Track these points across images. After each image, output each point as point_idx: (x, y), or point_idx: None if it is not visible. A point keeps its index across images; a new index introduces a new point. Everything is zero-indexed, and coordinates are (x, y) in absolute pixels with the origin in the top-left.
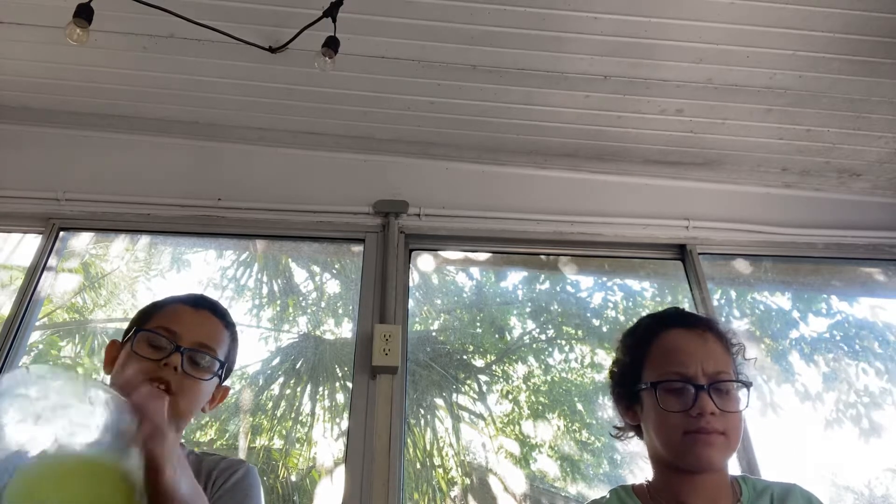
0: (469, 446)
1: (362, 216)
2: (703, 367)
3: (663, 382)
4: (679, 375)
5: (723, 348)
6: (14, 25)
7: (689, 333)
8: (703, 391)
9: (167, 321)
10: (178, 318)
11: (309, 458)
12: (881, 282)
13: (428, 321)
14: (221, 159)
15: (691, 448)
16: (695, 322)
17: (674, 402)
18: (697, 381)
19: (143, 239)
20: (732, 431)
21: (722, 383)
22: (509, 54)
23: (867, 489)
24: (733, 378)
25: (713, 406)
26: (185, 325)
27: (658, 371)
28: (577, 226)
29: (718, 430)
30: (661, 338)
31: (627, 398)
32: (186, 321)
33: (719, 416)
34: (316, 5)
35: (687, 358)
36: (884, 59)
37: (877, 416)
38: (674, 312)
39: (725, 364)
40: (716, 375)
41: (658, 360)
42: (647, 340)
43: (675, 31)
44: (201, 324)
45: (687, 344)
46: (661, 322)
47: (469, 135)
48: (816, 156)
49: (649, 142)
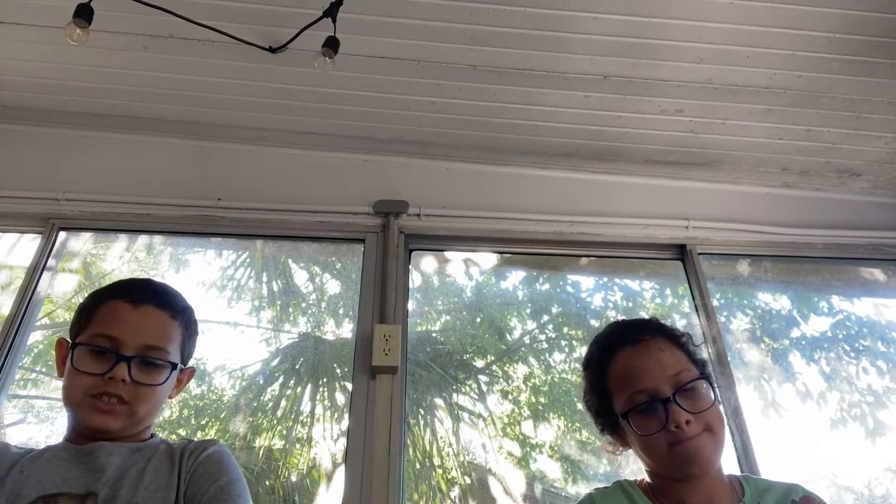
0: (469, 447)
1: (362, 216)
2: (659, 377)
3: (632, 409)
4: (643, 395)
5: (671, 348)
6: (14, 25)
7: (634, 350)
8: (670, 403)
9: (105, 326)
10: (118, 320)
11: (309, 458)
12: (881, 282)
13: (429, 322)
14: (221, 159)
15: (682, 459)
16: (637, 335)
17: (648, 423)
18: (661, 395)
19: (142, 239)
20: (716, 425)
21: (686, 385)
22: (509, 54)
23: (867, 489)
24: (693, 376)
25: (686, 414)
26: (127, 329)
27: (623, 397)
28: (577, 226)
29: (699, 431)
30: (612, 364)
31: (610, 428)
32: (127, 323)
33: (696, 419)
34: (316, 5)
35: (641, 376)
36: (884, 59)
37: (881, 415)
38: (614, 332)
39: (679, 363)
40: (675, 379)
41: (617, 387)
42: (601, 372)
43: (675, 31)
44: (145, 323)
45: (636, 362)
46: (608, 347)
47: (469, 135)
48: (816, 156)
49: (649, 142)
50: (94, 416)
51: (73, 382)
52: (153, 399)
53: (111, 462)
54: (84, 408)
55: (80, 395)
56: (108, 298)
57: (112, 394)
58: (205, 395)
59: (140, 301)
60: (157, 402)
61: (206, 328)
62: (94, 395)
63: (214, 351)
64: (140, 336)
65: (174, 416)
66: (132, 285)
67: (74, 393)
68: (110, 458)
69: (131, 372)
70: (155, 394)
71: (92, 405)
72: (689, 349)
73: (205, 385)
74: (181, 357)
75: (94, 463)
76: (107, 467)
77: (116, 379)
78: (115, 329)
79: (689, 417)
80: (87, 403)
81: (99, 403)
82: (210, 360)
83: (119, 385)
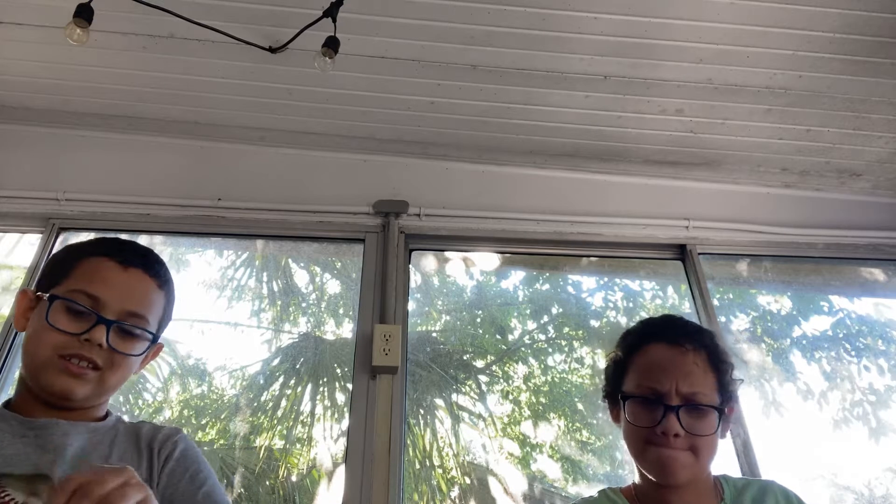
0: (469, 447)
1: (362, 216)
2: (677, 386)
3: (636, 396)
4: (652, 391)
5: (705, 367)
6: (14, 25)
7: (671, 350)
8: (671, 412)
9: (88, 283)
10: (103, 279)
11: (309, 458)
12: (881, 282)
13: (429, 322)
14: (221, 159)
15: (654, 462)
16: (682, 338)
17: (643, 416)
18: (669, 401)
19: (142, 239)
20: (703, 451)
21: (696, 405)
22: (509, 54)
23: (867, 489)
24: (709, 402)
25: (678, 427)
26: (112, 290)
27: (634, 382)
28: (577, 226)
29: (683, 448)
30: (644, 350)
31: (611, 398)
32: (113, 284)
33: (685, 437)
34: (316, 5)
35: (663, 375)
36: (884, 59)
37: (884, 414)
38: (665, 323)
39: (703, 384)
40: (690, 396)
41: (637, 372)
42: (632, 350)
43: (675, 31)
44: (131, 287)
45: (666, 361)
46: (650, 333)
47: (469, 135)
48: (816, 156)
49: (649, 142)
50: (61, 378)
51: (41, 338)
52: (125, 369)
53: (70, 443)
54: (51, 368)
55: (49, 353)
56: (93, 254)
57: (85, 357)
58: (205, 395)
59: (129, 263)
60: (127, 375)
61: (206, 328)
62: (64, 355)
63: (215, 351)
64: (125, 300)
65: (174, 416)
66: (121, 245)
67: (41, 350)
68: (67, 439)
69: (109, 337)
70: (128, 364)
71: (61, 366)
72: (723, 378)
73: (205, 385)
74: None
75: (46, 441)
76: (64, 448)
77: (93, 342)
78: (98, 288)
79: (680, 432)
80: (56, 364)
81: (69, 365)
82: (210, 360)
83: (94, 349)
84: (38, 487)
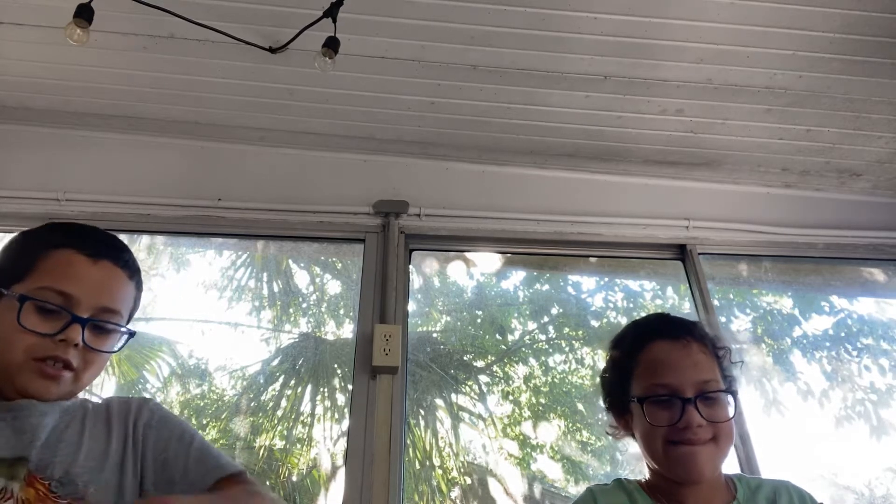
0: (469, 447)
1: (362, 216)
2: (688, 378)
3: (650, 397)
4: (665, 389)
5: (708, 355)
6: (14, 25)
7: (673, 345)
8: (689, 404)
9: (59, 280)
10: (73, 275)
11: (309, 458)
12: (881, 282)
13: (429, 322)
14: (221, 159)
15: (678, 461)
16: (679, 331)
17: (661, 415)
18: (684, 394)
19: (143, 239)
20: (723, 438)
21: (711, 393)
22: (509, 54)
23: (867, 489)
24: (720, 387)
25: (699, 419)
26: (83, 286)
27: (644, 384)
28: (577, 226)
29: (706, 439)
30: (646, 350)
31: (618, 407)
32: (84, 279)
33: (707, 427)
34: (316, 5)
35: (672, 371)
36: (884, 59)
37: (885, 413)
38: (658, 321)
39: (711, 372)
40: (702, 385)
41: (644, 373)
42: (632, 353)
43: (675, 31)
44: (103, 281)
45: (671, 356)
46: (646, 333)
47: (469, 135)
48: (816, 156)
49: (649, 142)
50: (36, 381)
51: (12, 341)
52: (99, 366)
53: (45, 423)
54: (25, 372)
55: (22, 357)
56: (58, 246)
57: (60, 358)
58: (205, 395)
59: (98, 255)
60: (101, 370)
61: (206, 328)
62: (38, 357)
63: (215, 351)
64: (98, 296)
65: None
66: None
67: (13, 354)
68: (43, 419)
69: (84, 335)
70: (102, 361)
71: (36, 369)
72: (723, 363)
73: (205, 385)
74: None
75: (23, 423)
76: (41, 429)
77: (69, 342)
78: (69, 284)
79: (702, 422)
80: (30, 367)
81: (45, 367)
82: (210, 360)
83: (70, 349)
84: (17, 471)
